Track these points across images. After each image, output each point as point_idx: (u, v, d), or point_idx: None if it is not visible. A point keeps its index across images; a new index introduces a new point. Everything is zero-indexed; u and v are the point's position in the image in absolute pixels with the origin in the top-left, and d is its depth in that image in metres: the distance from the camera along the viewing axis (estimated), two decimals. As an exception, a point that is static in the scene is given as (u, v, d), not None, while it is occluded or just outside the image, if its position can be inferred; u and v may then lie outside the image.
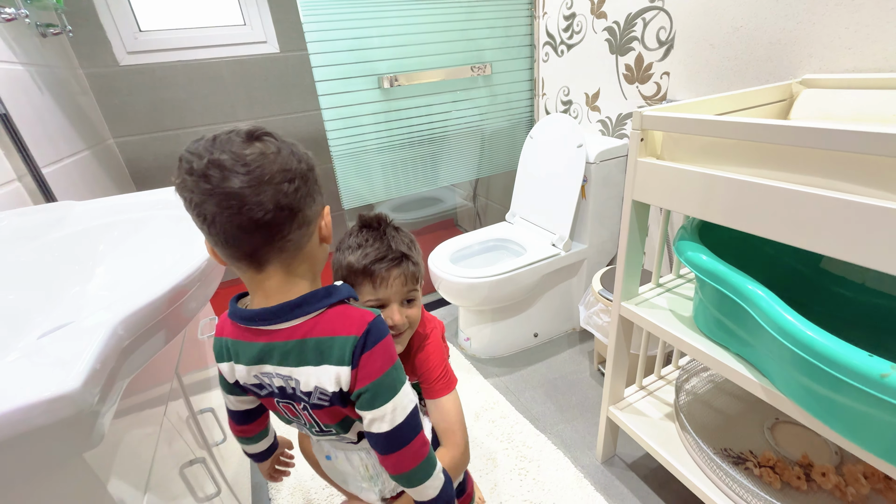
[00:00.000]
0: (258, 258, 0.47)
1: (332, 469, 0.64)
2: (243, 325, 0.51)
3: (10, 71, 1.09)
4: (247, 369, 0.52)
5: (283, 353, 0.49)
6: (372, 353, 0.48)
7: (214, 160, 0.42)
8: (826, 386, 0.51)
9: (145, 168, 1.82)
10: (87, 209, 0.91)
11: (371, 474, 0.62)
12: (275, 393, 0.54)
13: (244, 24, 1.83)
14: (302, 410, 0.55)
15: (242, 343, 0.51)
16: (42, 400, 0.33)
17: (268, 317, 0.48)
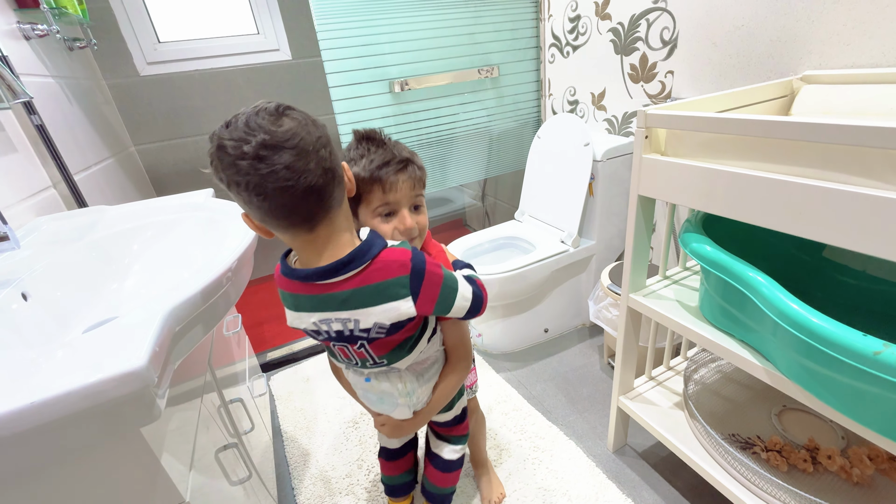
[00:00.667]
0: (311, 220, 0.52)
1: (368, 390, 0.69)
2: (304, 282, 0.56)
3: (44, 84, 1.15)
4: (308, 316, 0.59)
5: (341, 301, 0.56)
6: (423, 282, 0.57)
7: (262, 142, 0.46)
8: (825, 366, 0.54)
9: (164, 174, 1.88)
10: (120, 213, 0.96)
11: (408, 390, 0.67)
12: (332, 337, 0.60)
13: (258, 32, 1.89)
14: (357, 349, 0.61)
15: (301, 296, 0.58)
16: (116, 375, 0.37)
17: (324, 275, 0.54)
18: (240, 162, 0.46)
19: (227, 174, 0.48)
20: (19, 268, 0.69)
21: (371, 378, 0.67)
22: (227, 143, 0.46)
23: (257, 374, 1.27)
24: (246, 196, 0.48)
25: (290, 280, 0.57)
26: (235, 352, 1.07)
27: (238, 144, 0.46)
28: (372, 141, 0.66)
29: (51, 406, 0.36)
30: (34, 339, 0.58)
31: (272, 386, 1.47)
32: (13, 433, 0.35)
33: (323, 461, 1.16)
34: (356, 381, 0.70)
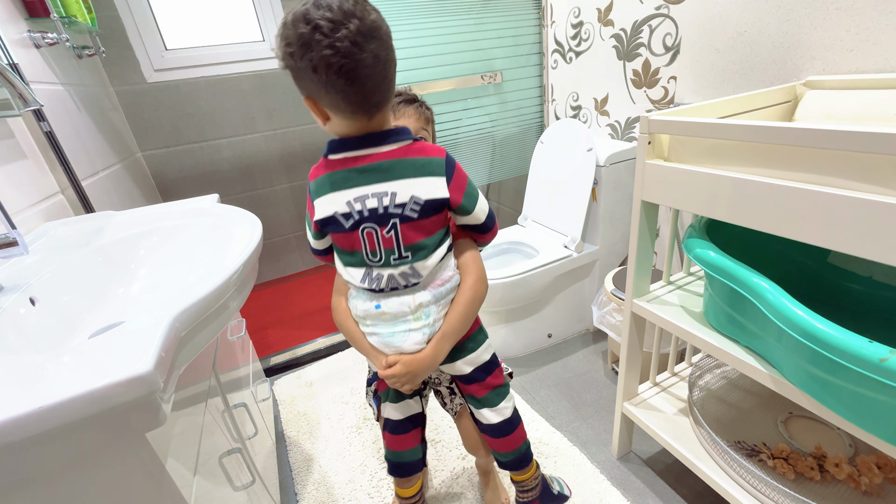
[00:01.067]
0: (377, 108, 0.57)
1: (379, 318, 0.65)
2: (351, 152, 0.59)
3: (53, 91, 1.17)
4: (344, 195, 0.59)
5: (384, 170, 0.59)
6: (456, 169, 0.62)
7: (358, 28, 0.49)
8: (830, 373, 0.54)
9: (170, 179, 1.90)
10: (126, 218, 0.97)
11: (422, 310, 0.64)
12: (364, 218, 0.59)
13: (263, 39, 1.91)
14: (386, 234, 0.60)
15: (343, 171, 0.60)
16: (122, 380, 0.38)
17: (375, 140, 0.58)
18: (339, 44, 0.48)
19: (319, 55, 0.49)
20: (27, 273, 0.70)
21: (380, 305, 0.64)
22: (323, 24, 0.47)
23: (261, 379, 1.28)
24: (333, 79, 0.50)
25: (335, 158, 0.60)
26: (239, 356, 1.07)
27: (336, 27, 0.47)
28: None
29: (57, 411, 0.36)
30: (41, 343, 0.59)
31: (275, 390, 1.48)
32: (21, 438, 0.36)
33: (326, 466, 1.16)
34: (366, 311, 0.65)
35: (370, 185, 0.59)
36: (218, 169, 1.98)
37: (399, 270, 0.62)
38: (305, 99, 0.56)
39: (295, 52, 0.50)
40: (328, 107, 0.55)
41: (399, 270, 0.62)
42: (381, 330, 0.66)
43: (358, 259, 0.63)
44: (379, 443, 1.21)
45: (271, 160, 2.08)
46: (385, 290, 0.64)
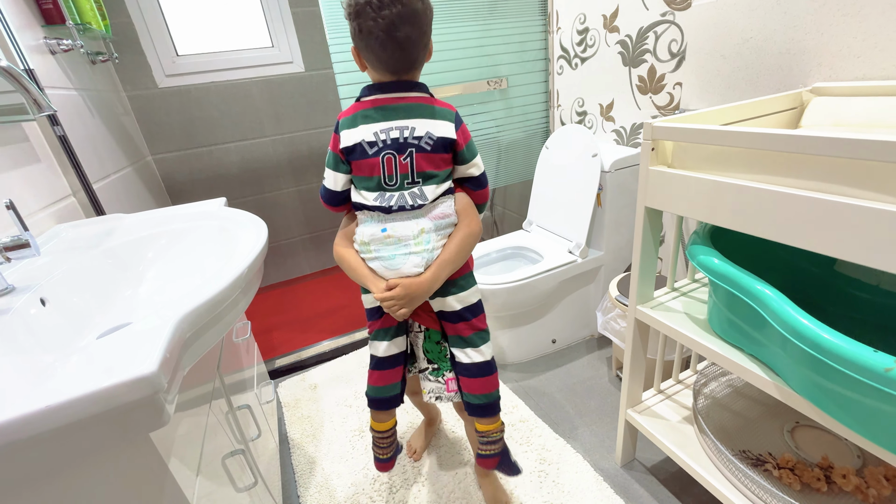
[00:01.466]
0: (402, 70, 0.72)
1: (384, 241, 0.73)
2: (382, 94, 0.72)
3: (67, 96, 1.19)
4: (371, 127, 0.71)
5: (407, 109, 0.72)
6: (462, 125, 0.75)
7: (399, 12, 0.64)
8: (836, 382, 0.53)
9: (180, 182, 1.93)
10: (136, 221, 0.99)
11: (424, 236, 0.73)
12: (386, 145, 0.71)
13: (272, 46, 1.93)
14: (403, 160, 0.72)
15: (374, 108, 0.72)
16: (127, 380, 0.38)
17: (404, 86, 0.73)
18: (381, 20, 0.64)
19: (365, 23, 0.65)
20: (39, 274, 0.72)
21: (386, 228, 0.72)
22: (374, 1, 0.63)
23: (265, 381, 1.28)
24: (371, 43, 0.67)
25: (367, 99, 0.73)
26: (244, 358, 1.08)
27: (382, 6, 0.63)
28: None
29: (64, 409, 0.37)
30: (51, 343, 0.60)
31: (280, 393, 1.48)
32: (29, 435, 0.37)
33: (329, 469, 1.17)
34: (372, 235, 0.73)
35: (394, 120, 0.71)
36: (226, 172, 2.01)
37: (409, 191, 0.73)
38: (352, 48, 0.72)
39: (350, 14, 0.66)
40: (366, 59, 0.71)
41: (409, 191, 0.73)
42: (384, 253, 0.73)
43: (374, 183, 0.73)
44: (381, 446, 1.21)
45: (279, 164, 2.10)
46: (394, 210, 0.72)
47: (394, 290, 0.71)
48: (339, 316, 1.93)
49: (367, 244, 0.73)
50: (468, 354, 0.81)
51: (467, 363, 0.81)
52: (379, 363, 0.83)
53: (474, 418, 0.85)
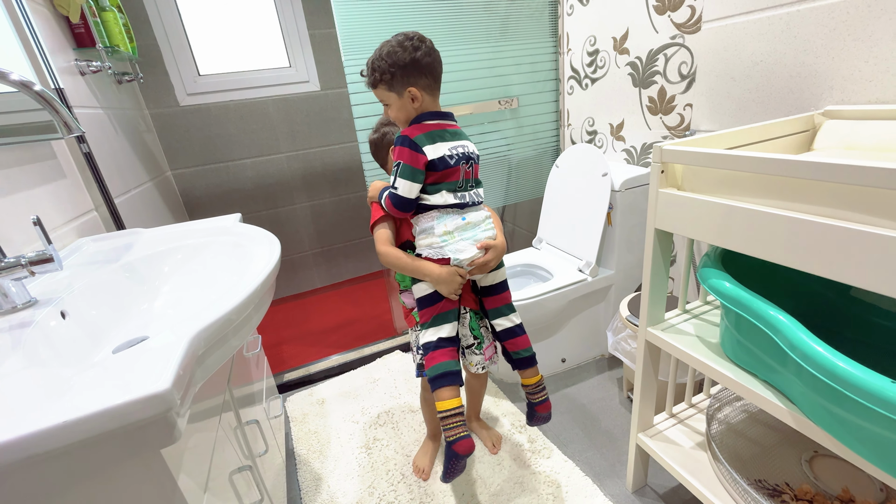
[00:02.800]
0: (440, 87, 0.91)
1: (465, 227, 0.90)
2: (439, 120, 0.89)
3: (94, 115, 1.24)
4: (447, 145, 0.88)
5: (458, 133, 0.92)
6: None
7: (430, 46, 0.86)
8: (852, 412, 0.52)
9: (197, 197, 1.98)
10: (154, 235, 1.02)
11: (487, 220, 0.94)
12: (460, 158, 0.88)
13: (290, 66, 2.00)
14: (469, 168, 0.91)
15: (442, 130, 0.89)
16: (141, 397, 0.39)
17: (450, 117, 0.92)
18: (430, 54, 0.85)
19: (428, 67, 0.85)
20: (60, 287, 0.74)
21: (466, 217, 0.91)
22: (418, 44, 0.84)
23: (274, 395, 1.29)
24: (427, 70, 0.85)
25: (430, 123, 0.88)
26: (254, 372, 1.09)
27: (422, 46, 0.84)
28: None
29: (80, 425, 0.38)
30: (69, 356, 0.62)
31: (287, 407, 1.49)
32: (45, 450, 0.38)
33: (334, 487, 1.16)
34: (455, 225, 0.90)
35: (456, 141, 0.90)
36: (242, 187, 2.05)
37: (473, 191, 0.93)
38: (408, 91, 0.85)
39: (405, 60, 0.83)
40: (425, 90, 0.86)
41: (473, 191, 0.93)
42: (467, 235, 0.91)
43: (451, 186, 0.90)
44: (388, 464, 1.20)
45: (293, 179, 2.15)
46: (468, 205, 0.91)
47: (488, 254, 0.91)
48: (348, 331, 1.94)
49: (450, 233, 0.90)
50: (511, 319, 0.99)
51: (511, 326, 0.99)
52: (443, 342, 0.93)
53: (527, 371, 1.00)
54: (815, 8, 0.86)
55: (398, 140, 0.88)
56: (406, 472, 1.17)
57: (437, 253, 0.90)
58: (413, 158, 0.86)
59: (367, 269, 2.49)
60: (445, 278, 0.89)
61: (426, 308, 0.93)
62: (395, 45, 0.83)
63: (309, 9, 1.94)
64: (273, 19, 1.93)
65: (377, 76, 0.86)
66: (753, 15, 0.97)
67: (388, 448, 1.26)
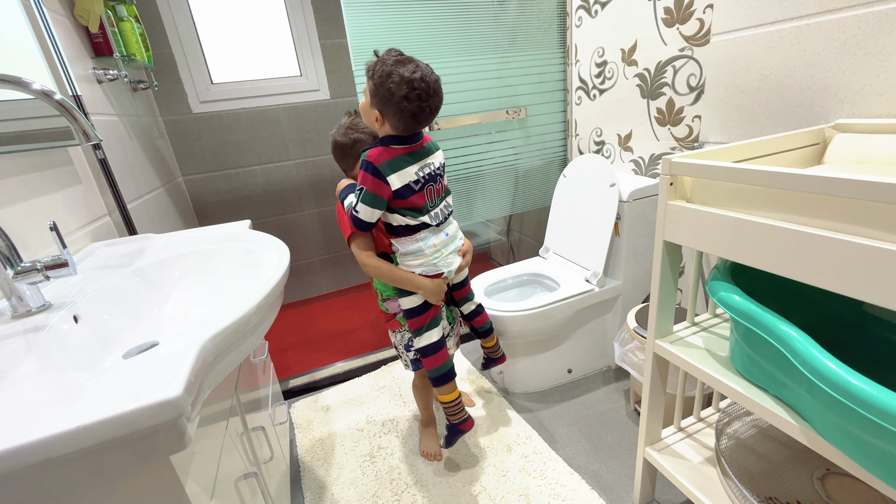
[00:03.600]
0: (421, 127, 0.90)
1: (448, 242, 0.98)
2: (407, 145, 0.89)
3: (109, 122, 1.27)
4: (412, 169, 0.89)
5: (426, 150, 0.93)
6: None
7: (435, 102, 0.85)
8: (865, 430, 0.51)
9: (207, 203, 2.00)
10: (165, 241, 1.03)
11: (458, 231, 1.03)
12: (426, 179, 0.91)
13: (301, 74, 2.03)
14: (437, 186, 0.94)
15: (406, 155, 0.89)
16: (152, 403, 0.40)
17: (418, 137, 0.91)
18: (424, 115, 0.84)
19: (404, 116, 0.83)
20: (73, 291, 0.75)
21: (448, 232, 0.98)
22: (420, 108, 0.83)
23: (279, 402, 1.29)
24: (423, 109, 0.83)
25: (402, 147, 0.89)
26: (260, 378, 1.10)
27: (423, 110, 0.83)
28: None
29: (93, 431, 0.39)
30: (81, 359, 0.63)
31: (292, 414, 1.49)
32: (59, 455, 0.38)
33: (338, 494, 1.15)
34: (441, 241, 0.97)
35: (422, 160, 0.91)
36: (252, 193, 2.08)
37: (443, 204, 0.97)
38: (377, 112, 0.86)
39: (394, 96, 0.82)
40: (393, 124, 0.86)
41: (443, 204, 0.97)
42: (450, 247, 0.99)
43: (423, 209, 0.92)
44: (392, 473, 1.20)
45: (301, 186, 2.17)
46: (442, 222, 0.97)
47: (466, 256, 1.04)
48: (354, 338, 1.94)
49: (439, 249, 0.96)
50: (473, 302, 1.16)
51: (475, 307, 1.17)
52: (439, 343, 1.03)
53: (488, 338, 1.21)
54: (824, 22, 0.86)
55: (363, 164, 0.87)
56: (410, 482, 1.16)
57: (432, 270, 0.97)
58: (377, 187, 0.87)
59: (374, 275, 2.49)
60: (437, 290, 0.98)
61: (417, 317, 1.01)
62: (403, 75, 0.80)
63: (320, 18, 1.97)
64: (285, 29, 1.96)
65: (370, 73, 0.85)
66: (762, 28, 0.97)
67: (392, 457, 1.25)
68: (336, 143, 1.05)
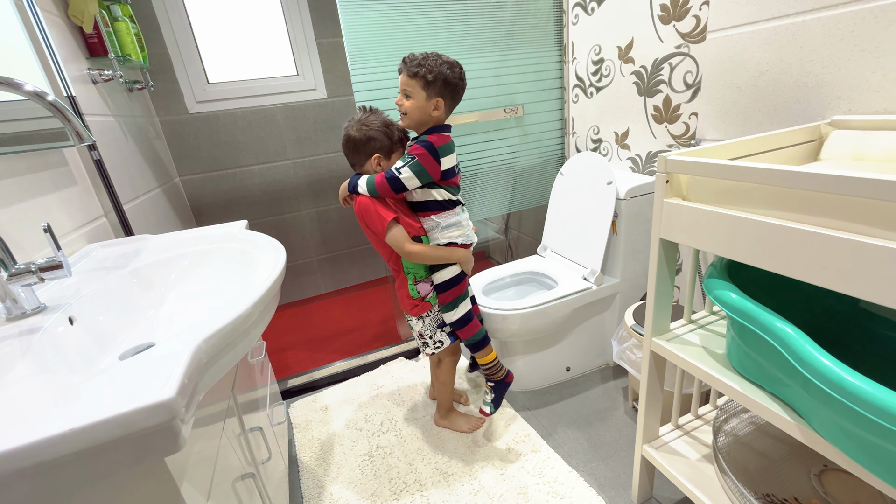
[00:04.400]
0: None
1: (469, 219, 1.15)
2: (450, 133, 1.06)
3: (105, 122, 1.26)
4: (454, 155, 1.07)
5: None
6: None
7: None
8: (861, 427, 0.51)
9: (204, 203, 2.00)
10: (161, 242, 1.03)
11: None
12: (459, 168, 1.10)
13: (297, 74, 2.02)
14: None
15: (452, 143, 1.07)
16: (146, 405, 0.40)
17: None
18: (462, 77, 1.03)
19: (459, 96, 1.03)
20: (68, 293, 0.75)
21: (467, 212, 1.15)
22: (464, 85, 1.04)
23: (277, 402, 1.29)
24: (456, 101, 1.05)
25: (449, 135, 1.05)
26: (258, 378, 1.10)
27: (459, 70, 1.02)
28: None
29: (86, 433, 0.38)
30: (76, 362, 0.62)
31: (290, 413, 1.49)
32: (52, 458, 0.38)
33: (337, 495, 1.15)
34: (467, 218, 1.14)
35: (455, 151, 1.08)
36: (249, 193, 2.07)
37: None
38: (437, 100, 1.00)
39: (458, 83, 1.02)
40: (447, 108, 1.04)
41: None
42: (471, 222, 1.16)
43: (458, 188, 1.10)
44: (391, 472, 1.20)
45: (299, 186, 2.16)
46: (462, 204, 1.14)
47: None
48: (352, 337, 1.94)
49: (465, 225, 1.12)
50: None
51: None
52: (471, 313, 1.16)
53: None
54: (821, 19, 0.86)
55: (423, 143, 1.01)
56: (409, 481, 1.16)
57: (468, 239, 1.13)
58: (431, 164, 1.01)
59: (372, 275, 2.49)
60: (470, 257, 1.14)
61: (454, 288, 1.13)
62: (448, 63, 0.98)
63: (317, 17, 1.96)
64: (281, 28, 1.96)
65: (422, 71, 0.96)
66: (759, 25, 0.97)
67: (391, 456, 1.26)
68: (350, 137, 1.07)
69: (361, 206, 1.05)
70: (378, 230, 1.03)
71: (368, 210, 1.03)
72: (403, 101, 1.01)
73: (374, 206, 1.03)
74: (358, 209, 1.06)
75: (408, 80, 0.99)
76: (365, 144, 1.06)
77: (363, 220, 1.07)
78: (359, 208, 1.06)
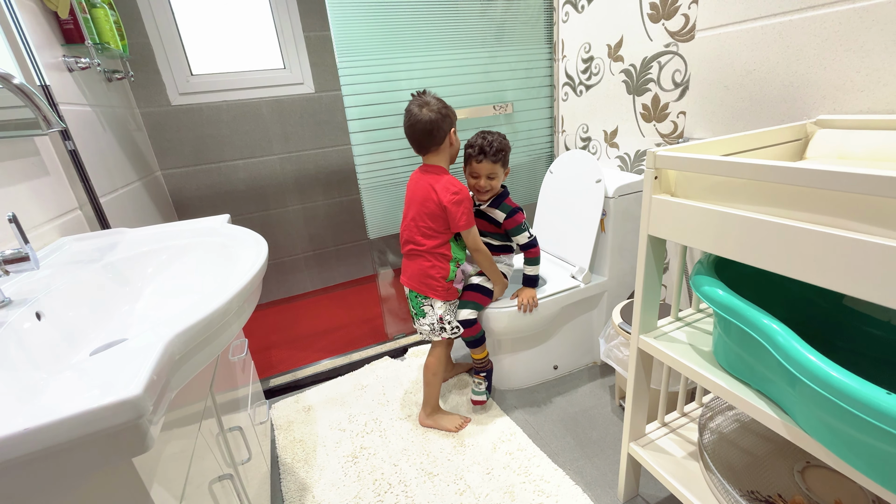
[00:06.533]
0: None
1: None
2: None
3: (81, 112, 1.22)
4: None
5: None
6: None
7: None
8: (846, 423, 0.51)
9: (187, 198, 1.95)
10: (138, 236, 0.99)
11: None
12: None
13: (284, 67, 1.98)
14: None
15: None
16: (109, 403, 0.37)
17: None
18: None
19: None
20: (37, 287, 0.71)
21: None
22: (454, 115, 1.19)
23: (260, 401, 1.26)
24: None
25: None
26: (239, 377, 1.07)
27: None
28: (484, 131, 1.26)
29: (44, 433, 0.36)
30: (42, 359, 0.59)
31: (272, 414, 1.46)
32: (6, 459, 0.35)
33: (319, 496, 1.13)
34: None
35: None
36: (234, 189, 2.03)
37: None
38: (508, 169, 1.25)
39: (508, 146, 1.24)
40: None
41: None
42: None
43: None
44: (375, 473, 1.18)
45: (285, 182, 2.12)
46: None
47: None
48: (337, 335, 1.91)
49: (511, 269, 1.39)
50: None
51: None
52: (473, 319, 1.31)
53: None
54: (807, 18, 0.87)
55: (516, 211, 1.25)
56: (393, 482, 1.15)
57: (509, 273, 1.36)
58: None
59: (359, 272, 2.46)
60: (506, 287, 1.34)
61: (484, 297, 1.30)
62: (500, 135, 1.21)
63: (304, 10, 1.93)
64: (268, 20, 1.92)
65: (503, 155, 1.19)
66: (746, 24, 0.97)
67: (375, 457, 1.24)
68: (430, 119, 1.12)
69: (461, 195, 1.16)
70: (461, 223, 1.17)
71: (465, 203, 1.16)
72: (489, 183, 1.21)
73: (469, 206, 1.18)
74: (450, 195, 1.15)
75: (492, 165, 1.18)
76: (441, 123, 1.14)
77: (449, 203, 1.15)
78: (453, 195, 1.15)
